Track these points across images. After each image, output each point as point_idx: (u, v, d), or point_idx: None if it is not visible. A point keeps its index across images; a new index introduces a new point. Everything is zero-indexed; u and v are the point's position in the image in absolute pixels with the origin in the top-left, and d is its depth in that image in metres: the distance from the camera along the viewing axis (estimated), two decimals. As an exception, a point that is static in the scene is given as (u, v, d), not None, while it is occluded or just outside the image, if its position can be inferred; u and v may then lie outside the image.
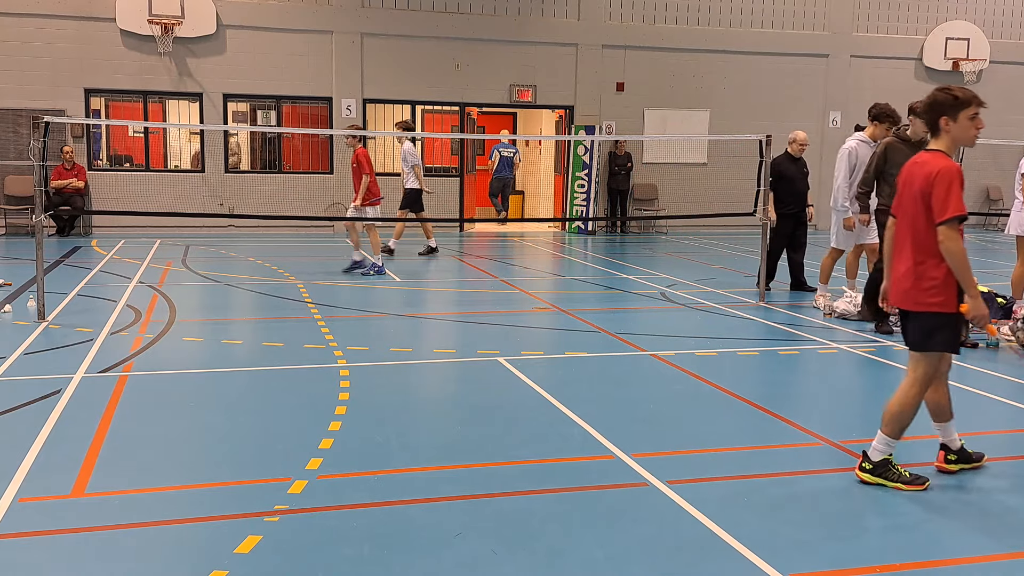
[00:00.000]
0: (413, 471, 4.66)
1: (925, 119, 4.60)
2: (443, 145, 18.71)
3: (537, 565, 3.65)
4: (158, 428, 5.33)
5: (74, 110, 16.31)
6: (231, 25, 16.89)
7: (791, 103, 19.60)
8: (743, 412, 5.86)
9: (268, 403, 5.93)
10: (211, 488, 4.40)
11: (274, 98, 17.42)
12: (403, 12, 17.66)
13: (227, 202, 17.12)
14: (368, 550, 3.76)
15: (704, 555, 3.76)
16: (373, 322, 8.77)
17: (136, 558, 3.68)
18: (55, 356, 7.04)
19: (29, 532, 3.88)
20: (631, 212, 19.01)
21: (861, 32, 19.98)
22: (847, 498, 4.42)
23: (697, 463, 4.91)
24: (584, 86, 18.64)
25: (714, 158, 19.40)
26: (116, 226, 16.59)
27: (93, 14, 16.26)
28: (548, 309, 9.58)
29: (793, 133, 10.86)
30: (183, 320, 8.56)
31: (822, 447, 5.16)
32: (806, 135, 10.94)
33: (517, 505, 4.24)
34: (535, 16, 18.28)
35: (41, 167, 8.34)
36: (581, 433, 5.30)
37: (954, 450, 4.75)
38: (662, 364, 7.09)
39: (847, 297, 9.21)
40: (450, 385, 6.79)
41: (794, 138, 10.79)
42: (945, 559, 3.78)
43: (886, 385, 6.88)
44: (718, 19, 19.23)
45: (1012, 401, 6.17)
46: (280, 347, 7.47)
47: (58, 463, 4.67)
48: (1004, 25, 20.77)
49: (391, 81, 17.75)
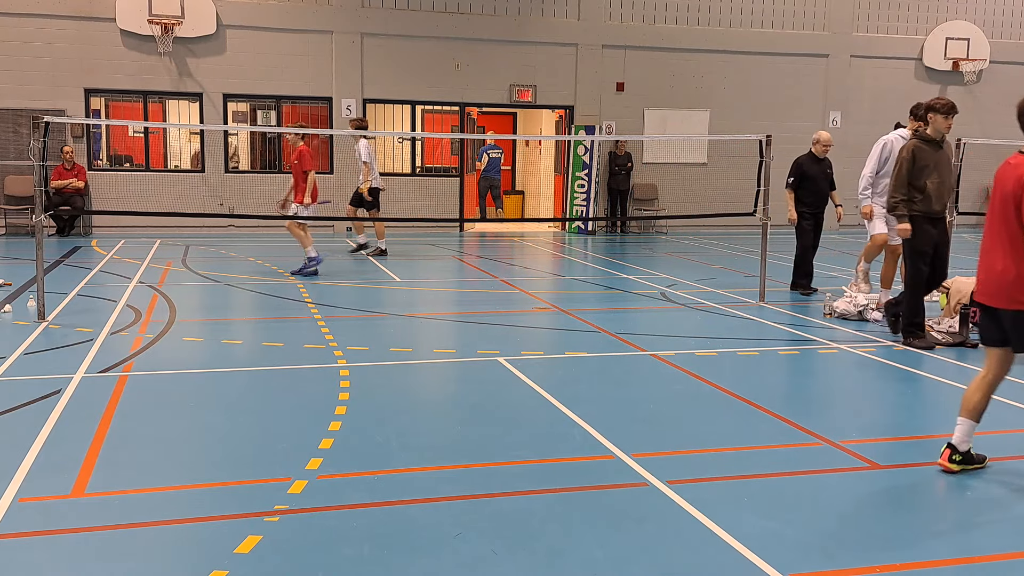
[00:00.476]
0: (413, 471, 4.66)
1: (1020, 124, 4.59)
2: (443, 145, 18.71)
3: (537, 565, 3.65)
4: (158, 428, 5.33)
5: (74, 110, 16.31)
6: (231, 25, 16.89)
7: (791, 103, 19.60)
8: (743, 412, 5.86)
9: (268, 403, 5.93)
10: (211, 488, 4.40)
11: (274, 98, 17.42)
12: (403, 12, 17.66)
13: (227, 202, 17.12)
14: (368, 550, 3.75)
15: (704, 555, 3.76)
16: (373, 322, 8.77)
17: (136, 558, 3.68)
18: (55, 356, 7.03)
19: (29, 532, 3.88)
20: (631, 212, 19.01)
21: (861, 32, 19.98)
22: (847, 498, 4.41)
23: (697, 463, 4.90)
24: (584, 86, 18.64)
25: (714, 158, 19.40)
26: (116, 226, 16.60)
27: (93, 14, 16.26)
28: (548, 309, 9.58)
29: (817, 133, 10.79)
30: (183, 320, 8.56)
31: (822, 447, 5.16)
32: (830, 135, 10.83)
33: (517, 505, 4.24)
34: (535, 16, 18.28)
35: (41, 167, 8.34)
36: (581, 433, 5.30)
37: (961, 452, 4.74)
38: (662, 364, 7.09)
39: (847, 297, 9.21)
40: (450, 385, 6.78)
41: (818, 138, 10.70)
42: (945, 559, 3.78)
43: (886, 385, 6.89)
44: (718, 19, 19.23)
45: (1012, 401, 6.17)
46: (280, 347, 7.47)
47: (58, 463, 4.67)
48: (1004, 25, 20.76)
49: (391, 81, 17.75)
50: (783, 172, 10.99)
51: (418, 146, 18.44)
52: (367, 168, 13.49)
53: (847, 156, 20.08)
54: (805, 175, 10.62)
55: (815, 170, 10.64)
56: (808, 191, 10.65)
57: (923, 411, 6.31)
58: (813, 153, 10.69)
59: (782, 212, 10.90)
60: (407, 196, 17.98)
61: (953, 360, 7.41)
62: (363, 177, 13.52)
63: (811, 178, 10.63)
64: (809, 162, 10.67)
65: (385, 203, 17.73)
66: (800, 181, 10.65)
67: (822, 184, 10.70)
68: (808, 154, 10.74)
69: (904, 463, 4.93)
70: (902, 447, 5.27)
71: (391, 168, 18.38)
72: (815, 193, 10.66)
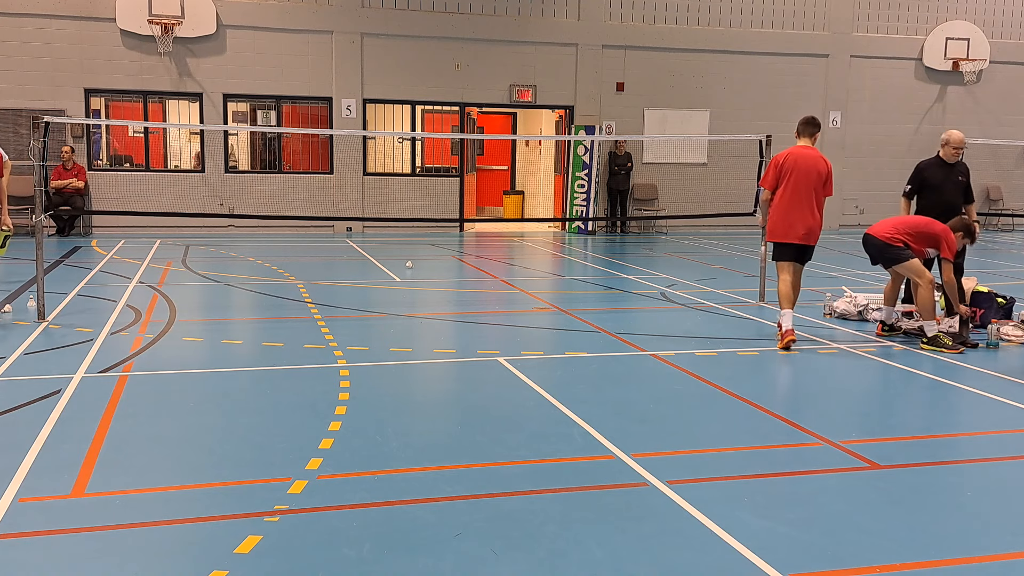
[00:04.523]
0: (413, 471, 4.66)
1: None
2: (443, 145, 18.71)
3: (537, 565, 3.65)
4: (158, 428, 5.33)
5: (74, 110, 16.32)
6: (231, 25, 16.89)
7: (791, 103, 19.59)
8: (743, 412, 5.86)
9: (268, 403, 5.93)
10: (211, 488, 4.40)
11: (274, 98, 17.42)
12: (403, 12, 17.66)
13: (227, 202, 17.13)
14: (368, 550, 3.75)
15: (704, 555, 3.76)
16: (373, 322, 8.77)
17: (136, 558, 3.68)
18: (55, 356, 7.03)
19: (29, 532, 3.88)
20: (631, 212, 19.01)
21: (861, 32, 19.98)
22: (847, 498, 4.41)
23: (697, 463, 4.90)
24: (584, 86, 18.64)
25: (714, 158, 19.40)
26: (116, 226, 16.60)
27: (93, 14, 16.27)
28: (548, 309, 9.57)
29: (947, 133, 8.87)
30: (183, 320, 8.56)
31: (822, 447, 5.16)
32: (962, 136, 8.84)
33: (517, 505, 4.24)
34: (535, 16, 18.29)
35: (41, 167, 8.34)
36: (581, 433, 5.30)
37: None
38: (662, 364, 7.09)
39: (847, 297, 9.21)
40: (450, 385, 6.78)
41: (947, 139, 8.79)
42: (944, 559, 3.78)
43: (886, 385, 6.89)
44: (718, 19, 19.23)
45: (1012, 401, 6.17)
46: (280, 347, 7.47)
47: (58, 463, 4.67)
48: (1004, 25, 20.76)
49: (391, 81, 17.76)
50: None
51: (418, 146, 18.44)
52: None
53: (846, 156, 20.12)
54: (926, 183, 8.77)
55: (940, 177, 8.74)
56: (929, 202, 8.71)
57: (923, 411, 6.31)
58: (940, 157, 8.83)
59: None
60: (407, 196, 18.00)
61: (953, 360, 7.41)
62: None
63: (934, 187, 8.72)
64: (933, 167, 8.82)
65: (385, 203, 17.82)
66: (920, 189, 8.83)
67: (950, 195, 8.71)
68: (935, 157, 8.91)
69: (904, 463, 4.93)
70: (902, 447, 5.27)
71: (391, 168, 18.40)
72: (939, 205, 8.61)
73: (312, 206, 17.06)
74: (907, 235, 7.92)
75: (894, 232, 7.94)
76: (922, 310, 7.80)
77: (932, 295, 7.75)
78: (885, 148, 20.24)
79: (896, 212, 9.09)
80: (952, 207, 8.65)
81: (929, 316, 7.77)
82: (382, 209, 17.59)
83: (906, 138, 20.26)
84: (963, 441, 5.45)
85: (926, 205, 8.74)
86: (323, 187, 17.64)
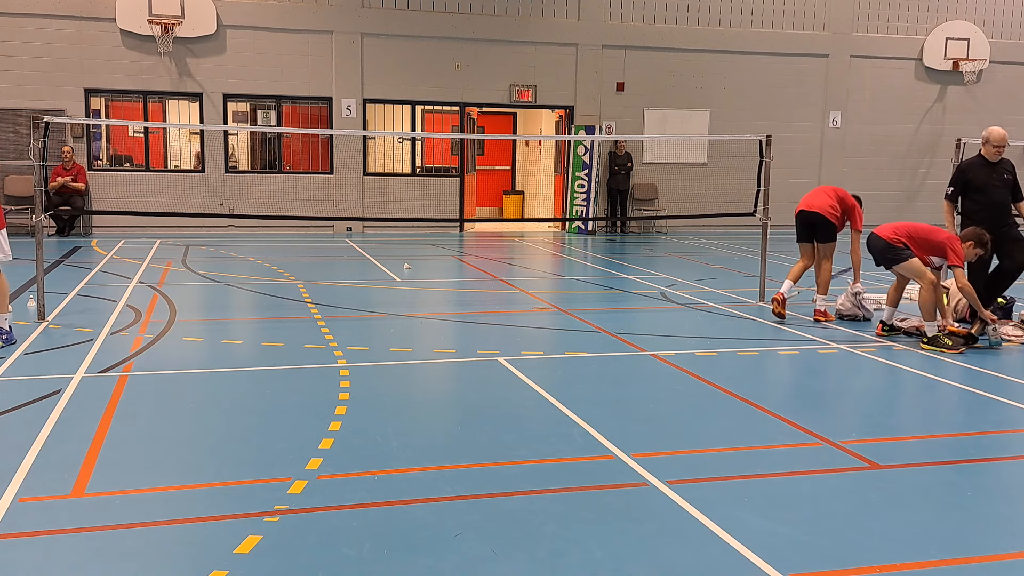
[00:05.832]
0: (413, 471, 4.66)
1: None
2: (443, 145, 18.72)
3: (537, 565, 3.65)
4: (158, 428, 5.33)
5: (74, 110, 16.32)
6: (231, 25, 16.90)
7: (791, 103, 19.61)
8: (743, 412, 5.86)
9: (268, 403, 5.93)
10: (211, 488, 4.40)
11: (274, 98, 17.42)
12: (403, 12, 17.67)
13: (227, 202, 17.13)
14: (368, 550, 3.75)
15: (704, 555, 3.76)
16: (373, 322, 8.76)
17: (136, 558, 3.68)
18: (55, 356, 7.03)
19: (29, 532, 3.88)
20: (631, 212, 19.01)
21: (861, 32, 19.98)
22: (847, 498, 4.41)
23: (697, 463, 4.90)
24: (584, 86, 18.64)
25: (714, 158, 19.40)
26: (116, 226, 16.61)
27: (93, 14, 16.27)
28: (548, 309, 9.57)
29: (987, 131, 8.55)
30: (183, 320, 8.56)
31: (822, 447, 5.16)
32: (1004, 132, 8.48)
33: (517, 505, 4.24)
34: (535, 16, 18.29)
35: (41, 167, 8.34)
36: (581, 433, 5.30)
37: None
38: (662, 364, 7.09)
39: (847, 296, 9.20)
40: (450, 385, 6.78)
41: (987, 137, 8.52)
42: (944, 559, 3.78)
43: (886, 385, 6.89)
44: (718, 19, 19.23)
45: (1012, 401, 6.17)
46: (280, 347, 7.47)
47: (58, 463, 4.67)
48: (1004, 25, 20.76)
49: (391, 81, 17.76)
50: (783, 172, 10.95)
51: (418, 146, 18.44)
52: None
53: (846, 156, 20.13)
54: (970, 184, 8.49)
55: (984, 177, 8.44)
56: (976, 204, 8.45)
57: (923, 411, 6.31)
58: (983, 156, 8.55)
59: (782, 212, 10.84)
60: (407, 196, 18.01)
61: (953, 360, 7.41)
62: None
63: (979, 188, 8.43)
64: (976, 167, 8.52)
65: (385, 203, 17.82)
66: (964, 192, 8.54)
67: (997, 194, 8.41)
68: (977, 157, 8.64)
69: (904, 463, 4.93)
70: (902, 447, 5.27)
71: (391, 168, 18.40)
72: (987, 207, 8.35)
73: (312, 206, 17.05)
74: (908, 239, 7.95)
75: (896, 234, 7.99)
76: (922, 310, 7.81)
77: (932, 295, 7.75)
78: (885, 148, 20.25)
79: (897, 213, 9.15)
80: (1001, 207, 8.40)
81: (929, 316, 7.77)
82: (382, 209, 17.59)
83: (906, 138, 20.27)
84: (963, 441, 5.44)
85: (973, 207, 8.49)
86: (323, 187, 17.64)
